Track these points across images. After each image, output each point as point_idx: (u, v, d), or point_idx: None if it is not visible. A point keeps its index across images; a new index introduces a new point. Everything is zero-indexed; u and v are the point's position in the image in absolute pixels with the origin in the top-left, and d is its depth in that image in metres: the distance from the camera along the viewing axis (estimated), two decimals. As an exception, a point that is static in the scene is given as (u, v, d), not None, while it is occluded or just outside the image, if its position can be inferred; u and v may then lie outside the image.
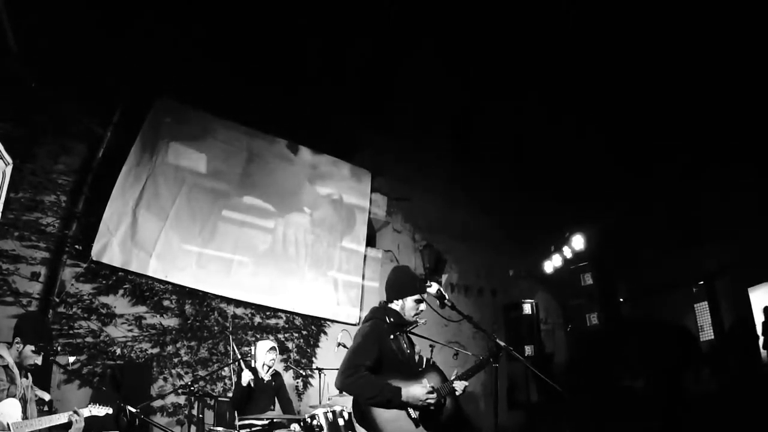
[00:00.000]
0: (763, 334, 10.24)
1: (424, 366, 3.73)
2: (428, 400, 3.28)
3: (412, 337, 3.89)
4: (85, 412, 4.15)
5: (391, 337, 3.55)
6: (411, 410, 3.30)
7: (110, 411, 4.36)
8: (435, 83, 8.83)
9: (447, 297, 3.62)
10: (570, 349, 11.05)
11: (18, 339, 4.11)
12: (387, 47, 8.12)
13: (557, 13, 7.37)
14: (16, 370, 3.99)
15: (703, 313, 11.38)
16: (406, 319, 3.67)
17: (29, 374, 4.18)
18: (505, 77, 8.57)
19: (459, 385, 3.57)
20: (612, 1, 7.15)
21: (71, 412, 4.05)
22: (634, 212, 10.08)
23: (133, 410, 4.18)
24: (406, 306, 3.63)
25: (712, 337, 10.40)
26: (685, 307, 11.42)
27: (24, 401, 3.97)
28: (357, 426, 3.37)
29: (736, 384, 9.60)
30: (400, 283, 3.73)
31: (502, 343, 3.56)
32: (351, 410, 5.33)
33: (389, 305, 3.70)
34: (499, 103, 9.05)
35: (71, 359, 6.19)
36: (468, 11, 7.60)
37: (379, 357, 3.41)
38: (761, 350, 10.27)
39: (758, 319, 10.56)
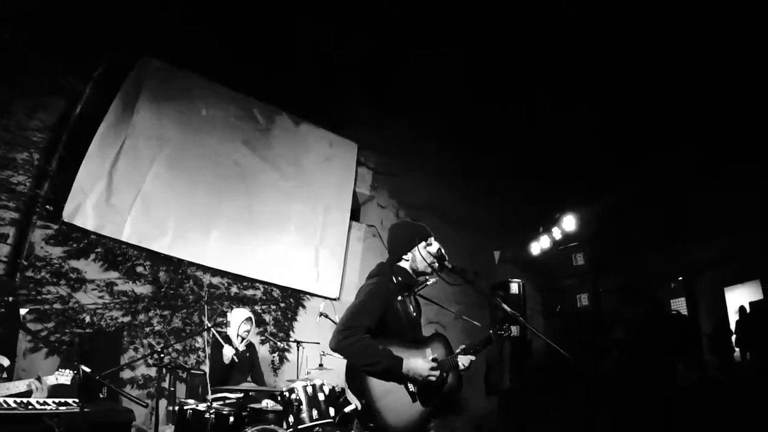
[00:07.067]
0: (736, 332, 10.45)
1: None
2: (430, 377, 2.98)
3: (420, 301, 3.59)
4: (51, 379, 3.86)
5: (399, 298, 3.24)
6: (410, 383, 3.02)
7: (86, 370, 4.07)
8: (431, 67, 8.60)
9: (447, 258, 3.34)
10: (554, 332, 11.00)
11: None
12: (386, 31, 7.88)
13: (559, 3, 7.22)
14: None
15: (679, 309, 11.52)
16: (416, 279, 3.38)
17: None
18: (502, 66, 8.39)
19: (464, 359, 3.29)
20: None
21: (32, 380, 3.77)
22: (625, 202, 10.04)
23: (88, 370, 3.76)
24: (418, 257, 3.32)
25: (688, 332, 10.57)
26: (657, 299, 11.53)
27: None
28: (349, 394, 3.11)
29: (710, 379, 9.75)
30: (406, 234, 3.43)
31: (509, 309, 3.31)
32: (331, 386, 5.21)
33: (397, 264, 3.39)
34: (493, 89, 8.86)
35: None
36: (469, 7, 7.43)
37: (383, 319, 3.09)
38: (734, 348, 10.48)
39: (733, 318, 10.82)
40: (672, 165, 9.27)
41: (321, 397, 5.04)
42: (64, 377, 3.92)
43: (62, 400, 3.33)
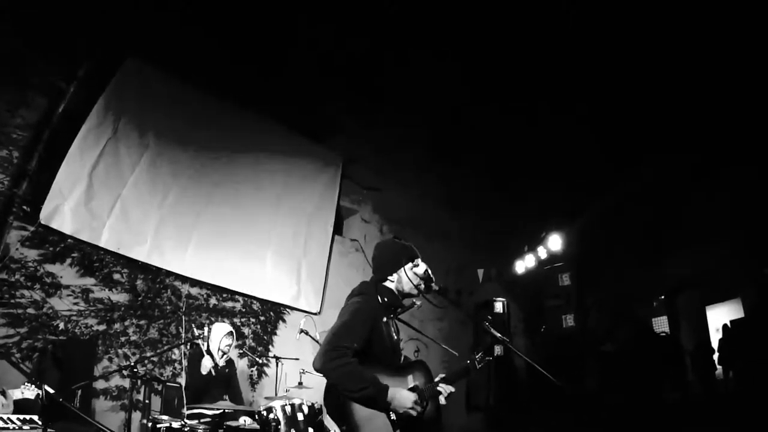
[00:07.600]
0: (719, 351, 10.51)
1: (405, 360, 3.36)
2: (412, 411, 2.86)
3: (400, 325, 3.47)
4: (17, 393, 3.69)
5: (384, 319, 3.14)
6: (391, 412, 2.89)
7: (49, 391, 3.88)
8: (423, 78, 8.44)
9: (434, 280, 3.26)
10: (538, 351, 10.95)
11: None
12: (380, 39, 7.73)
13: (552, 11, 7.12)
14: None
15: (661, 327, 11.57)
16: (401, 301, 3.28)
17: None
18: (495, 76, 8.28)
19: (444, 389, 3.14)
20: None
21: None
22: (611, 216, 10.00)
23: (51, 391, 3.53)
24: (404, 278, 3.22)
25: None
26: (644, 319, 11.61)
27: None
28: (326, 419, 2.96)
29: (693, 396, 9.82)
30: (393, 253, 3.33)
31: (498, 335, 3.23)
32: (310, 403, 5.05)
33: (382, 283, 3.28)
34: (485, 101, 8.75)
35: None
36: (461, 11, 7.31)
37: (369, 340, 2.97)
38: (716, 366, 10.55)
39: (714, 335, 10.89)
40: (659, 176, 9.26)
41: (300, 416, 4.88)
42: (30, 391, 3.72)
43: (27, 417, 3.15)
